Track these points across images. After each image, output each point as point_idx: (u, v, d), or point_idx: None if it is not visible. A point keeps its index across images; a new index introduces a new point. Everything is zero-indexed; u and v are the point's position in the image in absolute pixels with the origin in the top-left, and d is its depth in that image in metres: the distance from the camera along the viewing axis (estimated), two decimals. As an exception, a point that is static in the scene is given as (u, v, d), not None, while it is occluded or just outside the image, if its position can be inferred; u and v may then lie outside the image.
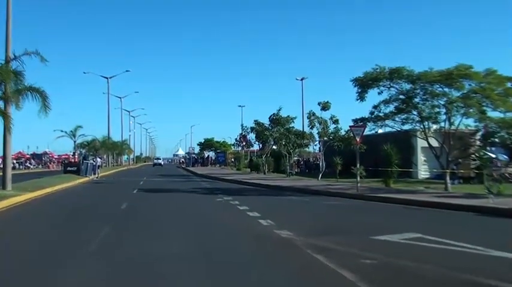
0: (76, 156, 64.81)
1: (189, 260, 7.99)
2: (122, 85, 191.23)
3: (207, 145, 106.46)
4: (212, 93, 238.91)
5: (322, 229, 11.35)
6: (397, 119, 24.07)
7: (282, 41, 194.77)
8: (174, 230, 11.40)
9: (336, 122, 34.11)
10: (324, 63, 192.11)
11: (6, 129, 21.89)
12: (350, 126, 24.04)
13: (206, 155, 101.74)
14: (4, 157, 23.77)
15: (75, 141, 67.91)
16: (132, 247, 9.14)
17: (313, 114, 34.35)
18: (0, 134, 23.07)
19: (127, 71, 79.23)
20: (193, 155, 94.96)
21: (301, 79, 58.33)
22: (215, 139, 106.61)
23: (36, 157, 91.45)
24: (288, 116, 42.26)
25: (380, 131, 33.29)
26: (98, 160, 44.50)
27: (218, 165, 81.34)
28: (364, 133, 22.98)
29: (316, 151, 46.62)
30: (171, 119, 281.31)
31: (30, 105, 22.91)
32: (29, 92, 22.61)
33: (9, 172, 22.92)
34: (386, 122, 24.74)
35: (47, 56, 24.24)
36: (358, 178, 22.00)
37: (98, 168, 42.59)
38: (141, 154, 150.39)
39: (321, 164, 35.55)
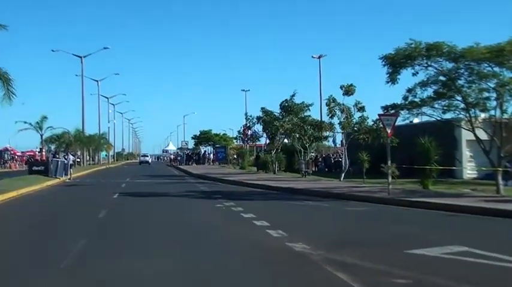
0: (43, 153, 65.00)
1: (179, 282, 8.03)
2: (99, 68, 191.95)
3: (203, 138, 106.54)
4: (209, 76, 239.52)
5: (345, 241, 11.35)
6: (436, 105, 23.99)
7: (295, 9, 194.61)
8: (163, 244, 11.44)
9: (361, 109, 34.01)
10: (347, 37, 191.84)
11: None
12: (379, 115, 23.95)
13: (202, 151, 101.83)
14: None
15: (42, 135, 68.06)
16: (110, 266, 9.13)
17: (334, 100, 34.24)
18: None
19: (105, 48, 79.14)
20: (187, 151, 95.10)
21: (319, 57, 58.40)
22: (213, 131, 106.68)
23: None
24: (303, 102, 42.27)
25: (416, 120, 33.22)
26: (70, 157, 44.63)
27: (217, 163, 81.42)
28: (397, 123, 22.92)
29: (338, 145, 46.58)
30: (160, 108, 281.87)
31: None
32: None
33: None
34: (423, 109, 24.68)
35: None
36: (390, 179, 21.94)
37: (70, 167, 42.69)
38: (123, 149, 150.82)
39: (343, 161, 35.50)
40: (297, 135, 41.14)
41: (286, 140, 46.66)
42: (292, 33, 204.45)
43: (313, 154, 50.01)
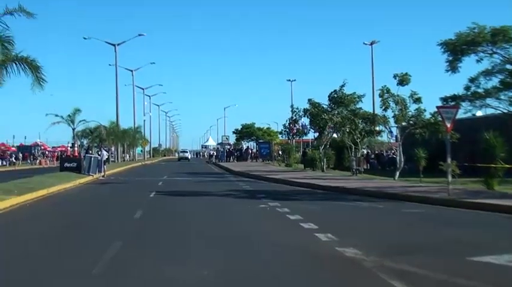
0: (76, 148, 65.92)
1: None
2: (134, 56, 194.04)
3: (245, 132, 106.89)
4: (253, 66, 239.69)
5: (400, 246, 11.23)
6: (502, 97, 23.66)
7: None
8: (203, 248, 11.48)
9: (417, 101, 33.63)
10: (402, 21, 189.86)
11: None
12: (438, 107, 23.66)
13: (245, 147, 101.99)
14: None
15: (74, 129, 69.01)
16: (147, 273, 9.15)
17: (388, 91, 33.96)
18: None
19: (140, 35, 79.65)
20: (228, 147, 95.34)
21: (371, 43, 57.85)
22: (256, 125, 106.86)
23: (25, 149, 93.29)
24: (354, 93, 41.95)
25: (479, 113, 32.73)
26: (104, 153, 45.01)
27: (261, 159, 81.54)
28: (457, 116, 22.58)
29: (392, 141, 46.14)
30: (199, 99, 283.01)
31: (16, 81, 23.35)
32: (14, 64, 22.73)
33: (-10, 170, 23.39)
34: (488, 101, 24.36)
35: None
36: (450, 178, 21.63)
37: (104, 164, 43.15)
38: (160, 145, 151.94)
39: (398, 158, 35.18)
40: (347, 130, 40.89)
41: (335, 135, 46.42)
42: (342, 18, 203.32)
43: (364, 150, 49.68)
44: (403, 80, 33.42)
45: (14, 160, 75.64)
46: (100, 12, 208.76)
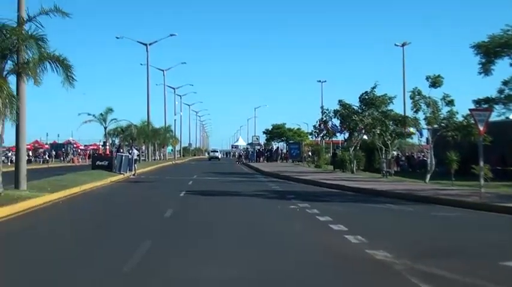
0: (107, 147, 66.39)
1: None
2: (165, 56, 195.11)
3: (275, 133, 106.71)
4: (283, 66, 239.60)
5: (431, 250, 11.17)
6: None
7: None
8: (232, 249, 11.51)
9: (450, 103, 33.26)
10: (433, 22, 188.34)
11: (20, 113, 22.33)
12: (470, 110, 23.44)
13: (275, 147, 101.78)
14: (17, 148, 24.35)
15: (105, 128, 69.34)
16: (176, 271, 9.23)
17: (419, 93, 33.63)
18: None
19: (171, 35, 79.99)
20: (258, 147, 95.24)
21: (402, 45, 57.55)
22: (287, 126, 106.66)
23: (57, 147, 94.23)
24: (385, 95, 41.68)
25: (513, 116, 32.32)
26: (135, 152, 45.24)
27: (291, 160, 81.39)
28: (490, 119, 22.34)
29: (423, 143, 45.71)
30: (229, 100, 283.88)
31: (49, 79, 23.48)
32: (47, 62, 22.98)
33: (24, 167, 23.65)
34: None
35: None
36: (482, 181, 21.42)
37: (135, 162, 43.40)
38: (190, 144, 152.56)
39: (429, 161, 34.83)
40: (378, 132, 40.59)
41: (365, 137, 46.17)
42: (372, 19, 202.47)
43: (395, 152, 49.33)
44: (435, 82, 33.06)
45: (47, 158, 76.62)
46: (130, 13, 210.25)
